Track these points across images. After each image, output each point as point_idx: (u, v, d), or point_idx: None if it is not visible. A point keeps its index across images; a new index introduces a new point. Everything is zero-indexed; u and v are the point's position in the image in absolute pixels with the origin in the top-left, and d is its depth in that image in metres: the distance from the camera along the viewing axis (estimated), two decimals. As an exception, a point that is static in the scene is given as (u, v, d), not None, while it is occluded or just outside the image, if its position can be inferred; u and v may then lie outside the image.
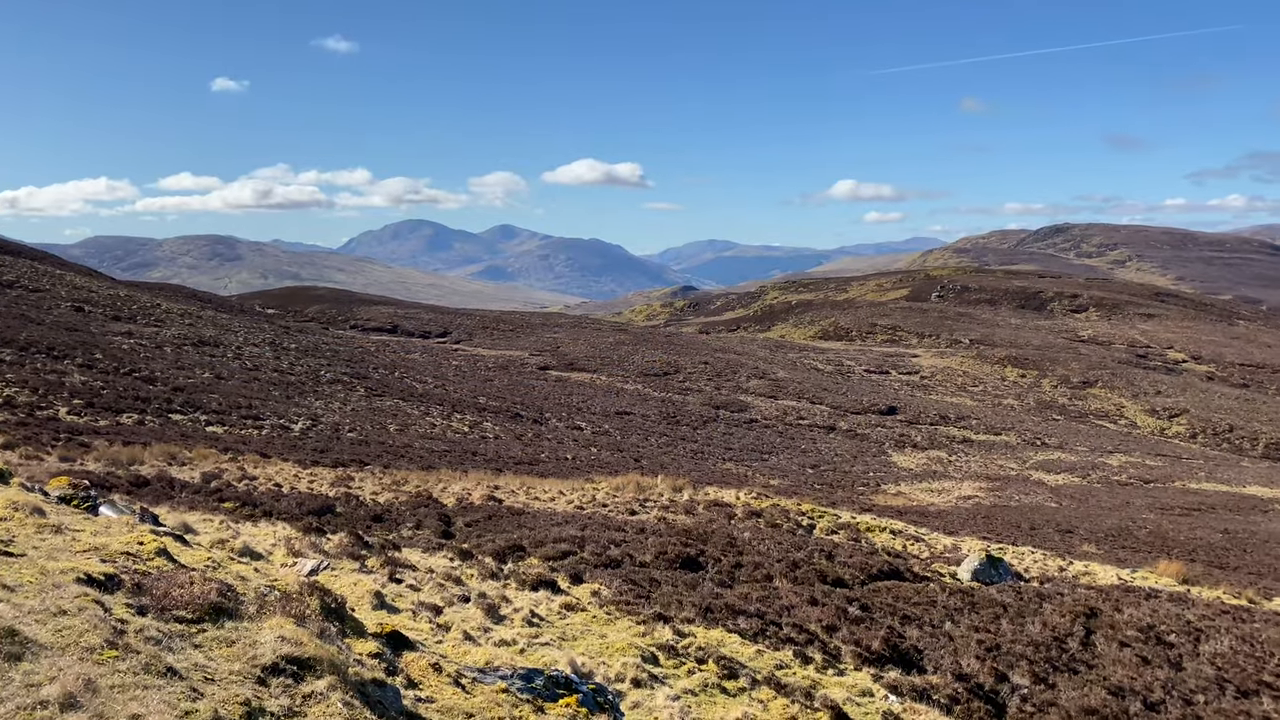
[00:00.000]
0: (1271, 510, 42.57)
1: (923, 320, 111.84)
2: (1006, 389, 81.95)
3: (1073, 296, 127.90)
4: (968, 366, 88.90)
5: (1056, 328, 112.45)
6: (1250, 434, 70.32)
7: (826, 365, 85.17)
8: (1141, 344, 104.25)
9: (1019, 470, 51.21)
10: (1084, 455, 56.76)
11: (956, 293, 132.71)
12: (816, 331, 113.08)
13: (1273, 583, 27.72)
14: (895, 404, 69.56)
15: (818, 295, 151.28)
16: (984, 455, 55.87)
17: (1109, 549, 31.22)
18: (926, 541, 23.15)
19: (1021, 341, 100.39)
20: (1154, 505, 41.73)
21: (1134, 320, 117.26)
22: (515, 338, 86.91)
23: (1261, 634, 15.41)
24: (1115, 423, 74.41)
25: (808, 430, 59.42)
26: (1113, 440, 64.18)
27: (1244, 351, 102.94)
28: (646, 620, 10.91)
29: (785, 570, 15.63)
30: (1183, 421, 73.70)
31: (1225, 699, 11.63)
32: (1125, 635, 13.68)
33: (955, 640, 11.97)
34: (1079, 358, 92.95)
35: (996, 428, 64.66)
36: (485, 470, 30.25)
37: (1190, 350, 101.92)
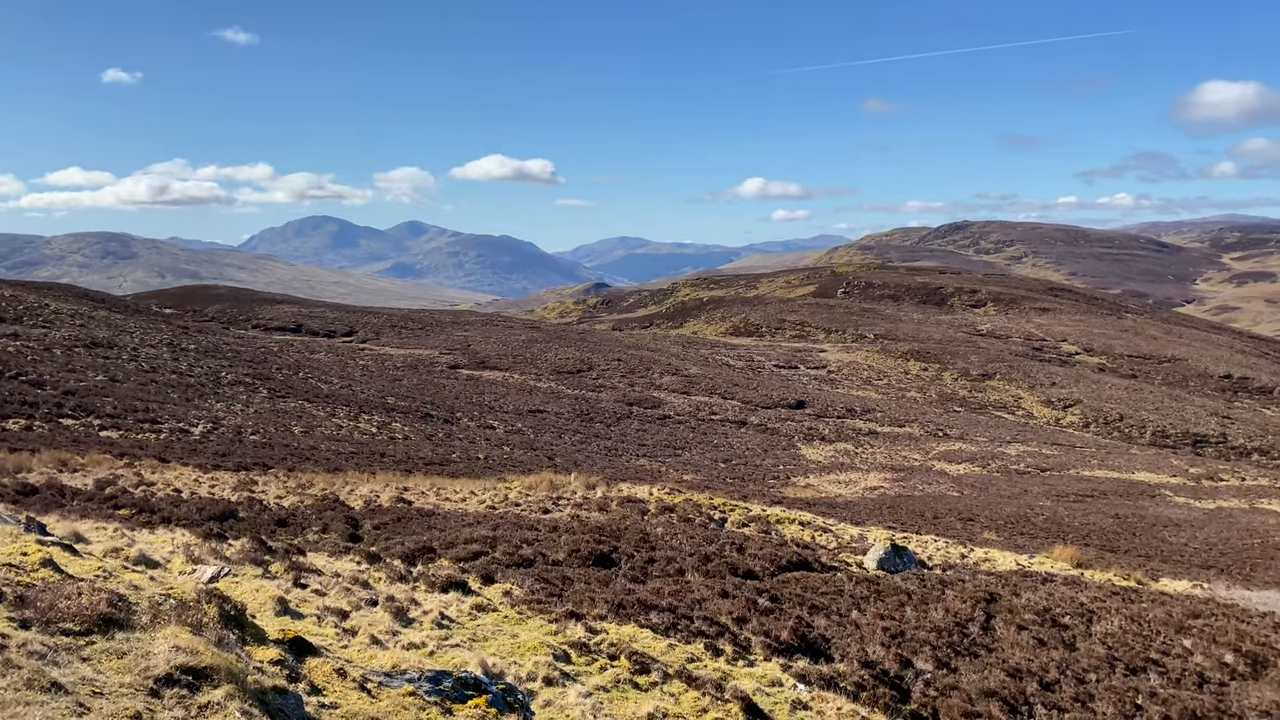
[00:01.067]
0: (1158, 495, 44.63)
1: (830, 316, 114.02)
2: (910, 382, 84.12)
3: (972, 292, 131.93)
4: (873, 361, 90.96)
5: (957, 322, 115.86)
6: (1138, 422, 73.60)
7: (738, 361, 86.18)
8: (1037, 337, 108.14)
9: (922, 461, 52.62)
10: (984, 445, 58.63)
11: (862, 289, 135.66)
12: (728, 328, 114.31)
13: (1159, 564, 29.08)
14: (804, 398, 70.78)
15: (728, 292, 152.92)
16: (889, 447, 57.25)
17: (1008, 536, 32.32)
18: (834, 532, 23.64)
19: (924, 336, 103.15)
20: (1050, 493, 43.34)
21: (1030, 315, 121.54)
22: (425, 336, 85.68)
23: (1148, 613, 16.15)
24: (1013, 413, 77.03)
25: (720, 425, 60.02)
26: (1011, 430, 66.43)
27: (1132, 344, 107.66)
28: (559, 618, 10.88)
29: (697, 564, 15.77)
30: (1076, 411, 76.71)
31: (1115, 676, 12.14)
32: (1023, 619, 14.18)
33: (861, 628, 12.24)
34: (978, 351, 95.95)
35: (901, 420, 66.32)
36: (394, 471, 29.77)
37: (1083, 343, 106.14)
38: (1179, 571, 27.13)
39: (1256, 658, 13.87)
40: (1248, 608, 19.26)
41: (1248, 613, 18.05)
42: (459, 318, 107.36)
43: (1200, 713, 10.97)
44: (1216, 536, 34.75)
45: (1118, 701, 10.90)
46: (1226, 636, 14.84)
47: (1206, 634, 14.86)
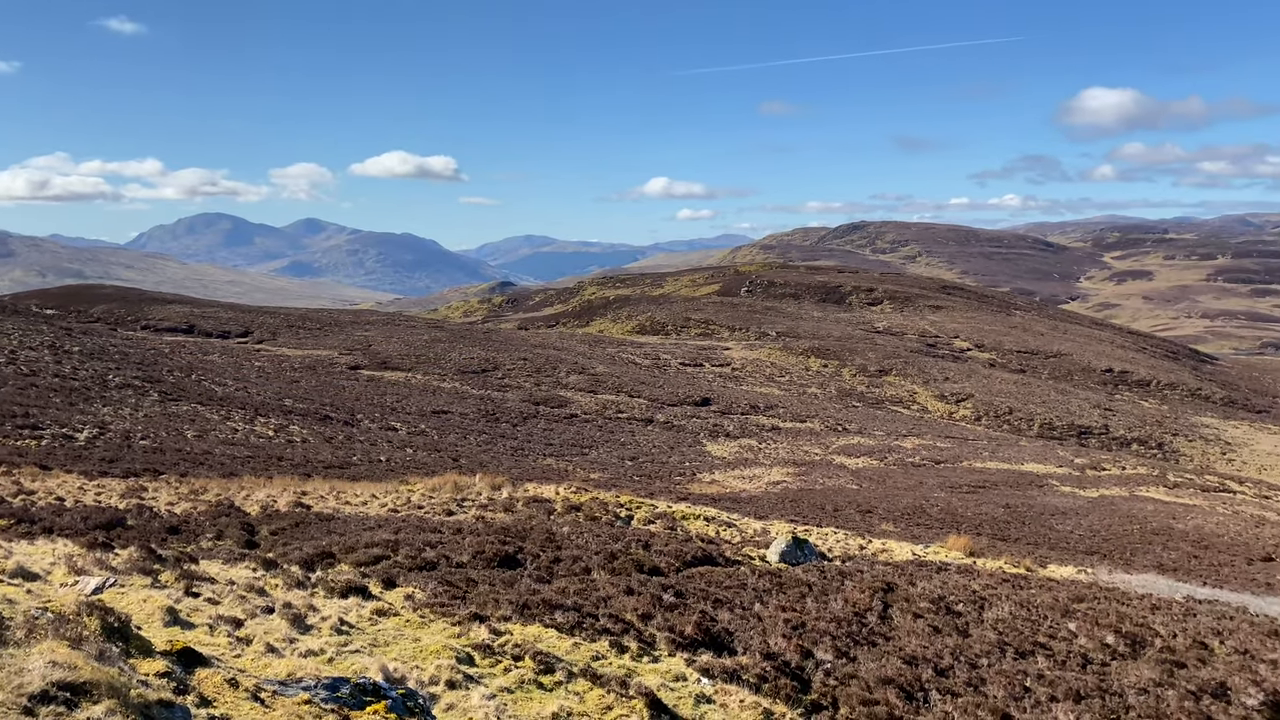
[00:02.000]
0: (1046, 485, 46.48)
1: (733, 314, 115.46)
2: (810, 378, 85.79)
3: (869, 290, 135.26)
4: (775, 358, 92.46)
5: (855, 320, 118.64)
6: (1027, 415, 76.54)
7: (644, 359, 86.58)
8: (931, 334, 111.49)
9: (823, 455, 53.73)
10: (881, 439, 60.18)
11: (764, 288, 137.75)
12: (634, 326, 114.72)
13: (1047, 551, 30.32)
14: (709, 395, 71.52)
15: (634, 291, 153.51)
16: (791, 442, 58.27)
17: (905, 527, 33.26)
18: (738, 527, 23.95)
19: (824, 333, 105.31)
20: (945, 484, 44.73)
21: (924, 312, 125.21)
22: (324, 336, 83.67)
23: (1036, 599, 16.82)
24: (909, 408, 79.27)
25: (627, 423, 60.20)
26: (907, 424, 68.35)
27: (1020, 340, 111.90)
28: (462, 621, 10.77)
29: (603, 562, 15.79)
30: (968, 405, 79.36)
31: (1006, 660, 12.61)
32: (919, 607, 14.61)
33: (764, 620, 12.44)
34: (875, 348, 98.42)
35: (802, 415, 67.57)
36: (292, 475, 29.01)
37: (974, 339, 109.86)
38: (1065, 558, 28.33)
39: (1135, 638, 14.57)
40: (1128, 590, 20.23)
41: (1127, 595, 18.95)
42: (359, 317, 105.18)
43: (1084, 692, 11.47)
44: (1100, 523, 36.40)
45: (1008, 684, 11.32)
46: (1108, 619, 15.55)
47: (1090, 617, 15.55)
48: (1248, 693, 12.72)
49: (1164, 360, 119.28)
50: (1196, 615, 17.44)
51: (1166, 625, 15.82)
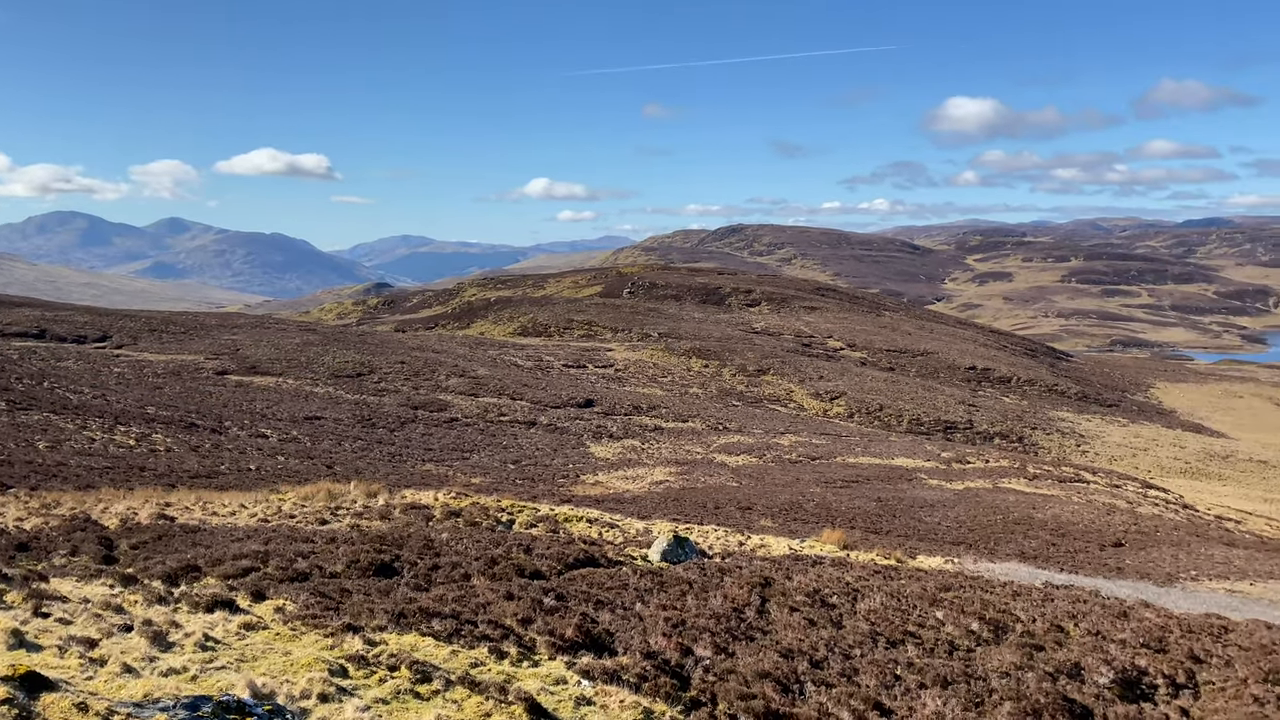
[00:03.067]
0: (915, 479, 48.21)
1: (616, 316, 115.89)
2: (692, 378, 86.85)
3: (747, 292, 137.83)
4: (657, 359, 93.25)
5: (734, 320, 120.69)
6: (896, 412, 79.31)
7: (526, 361, 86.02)
8: (806, 334, 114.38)
9: (704, 454, 54.44)
10: (760, 437, 61.38)
11: (646, 289, 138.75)
12: (516, 328, 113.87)
13: (916, 543, 31.45)
14: (592, 397, 71.57)
15: (516, 292, 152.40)
16: (674, 441, 58.85)
17: (783, 522, 34.00)
18: (621, 527, 24.03)
19: (704, 334, 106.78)
20: (820, 480, 45.91)
21: (800, 313, 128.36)
22: (188, 340, 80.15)
23: (906, 589, 17.43)
24: (786, 406, 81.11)
25: (509, 426, 59.69)
26: (784, 422, 69.91)
27: (890, 339, 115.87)
28: (335, 632, 10.46)
29: (483, 568, 15.60)
30: (842, 403, 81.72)
31: (878, 650, 13.01)
32: (795, 600, 14.94)
33: (645, 620, 12.50)
34: (754, 348, 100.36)
35: (684, 415, 68.33)
36: (155, 486, 27.69)
37: (846, 339, 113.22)
38: (934, 548, 29.45)
39: (998, 624, 15.25)
40: (991, 579, 21.16)
41: (991, 583, 19.82)
42: (227, 320, 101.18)
43: (950, 678, 11.93)
44: (965, 515, 37.97)
45: (879, 673, 11.68)
46: (973, 606, 16.23)
47: (956, 605, 16.19)
48: (1100, 671, 13.47)
49: (1023, 358, 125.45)
50: (1054, 600, 18.37)
51: (1027, 610, 16.61)
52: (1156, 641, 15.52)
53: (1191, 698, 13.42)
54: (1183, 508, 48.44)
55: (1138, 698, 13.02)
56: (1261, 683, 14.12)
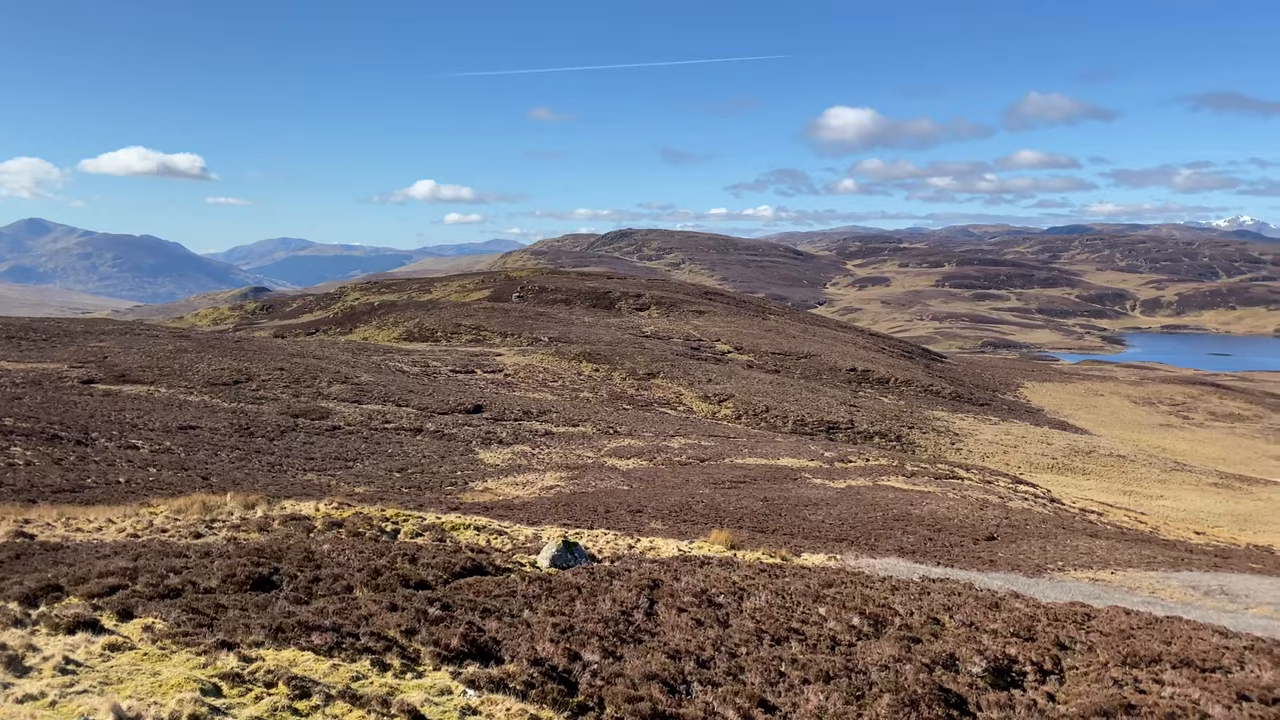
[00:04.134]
0: (800, 478, 49.30)
1: (505, 320, 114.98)
2: (582, 383, 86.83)
3: (637, 296, 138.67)
4: (548, 363, 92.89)
5: (624, 324, 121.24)
6: (782, 413, 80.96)
7: (413, 367, 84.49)
8: (695, 338, 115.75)
9: (595, 458, 54.48)
10: (650, 440, 61.78)
11: (535, 293, 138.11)
12: (401, 333, 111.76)
13: (801, 541, 32.14)
14: (481, 402, 70.79)
15: (401, 296, 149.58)
16: (564, 446, 58.70)
17: (673, 524, 34.27)
18: (510, 534, 23.83)
19: (594, 338, 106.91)
20: (709, 481, 46.49)
21: (688, 317, 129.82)
22: (51, 348, 75.92)
23: (791, 587, 17.79)
24: (675, 409, 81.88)
25: (395, 434, 58.50)
26: (674, 425, 70.55)
27: (775, 342, 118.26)
28: (208, 650, 10.06)
29: (366, 579, 15.24)
30: (729, 405, 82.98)
31: (763, 648, 13.24)
32: (683, 601, 15.08)
33: (533, 627, 12.42)
34: (644, 351, 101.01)
35: (575, 419, 68.23)
36: (13, 503, 26.14)
37: (734, 342, 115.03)
38: (817, 546, 30.15)
39: (878, 618, 15.71)
40: (871, 574, 21.78)
41: (871, 578, 20.41)
42: (93, 326, 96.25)
43: (833, 672, 12.23)
44: (847, 512, 39.01)
45: (764, 671, 11.89)
46: (854, 601, 16.68)
47: (838, 601, 16.61)
48: (973, 661, 14.02)
49: (901, 359, 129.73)
50: (930, 593, 19.03)
51: (905, 604, 17.16)
52: (1026, 630, 16.24)
53: (1058, 683, 14.09)
54: (1050, 501, 50.89)
55: (1008, 685, 13.59)
56: (1120, 666, 14.94)
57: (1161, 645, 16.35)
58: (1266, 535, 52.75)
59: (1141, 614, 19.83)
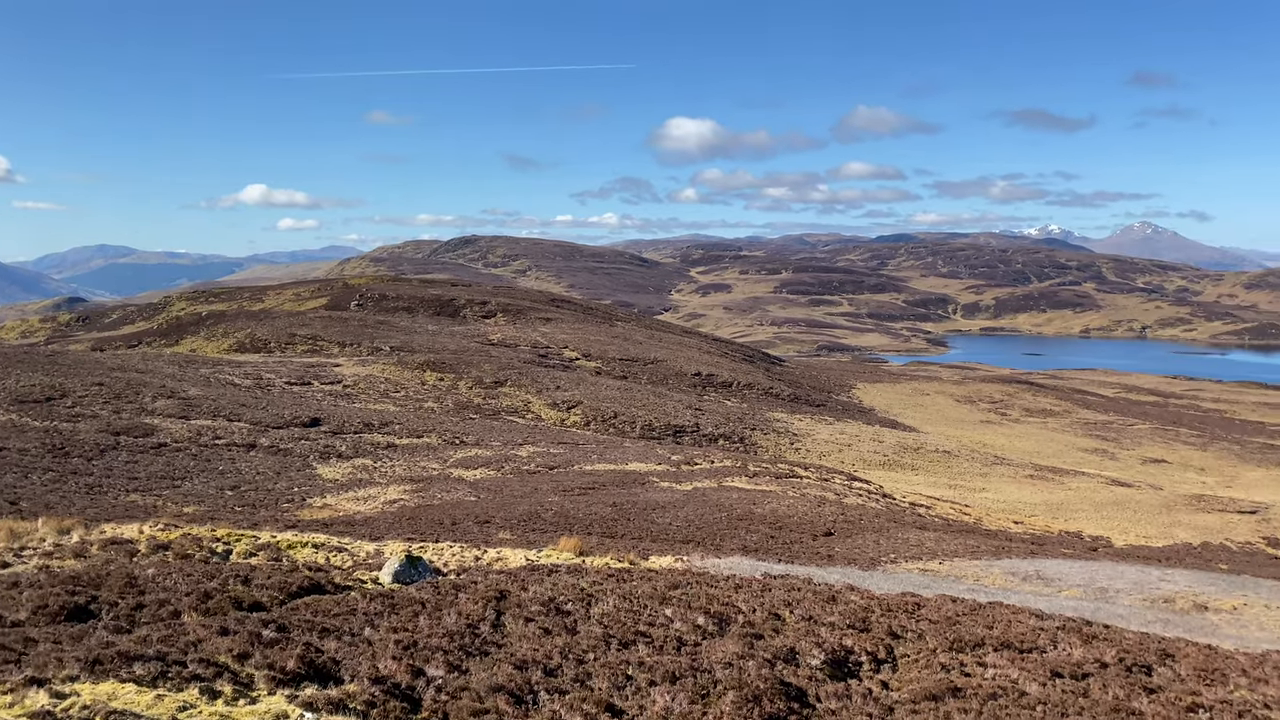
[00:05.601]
0: (648, 482, 49.87)
1: (344, 329, 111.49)
2: (427, 393, 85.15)
3: (483, 303, 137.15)
4: (389, 373, 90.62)
5: (470, 332, 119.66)
6: (630, 418, 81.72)
7: (245, 379, 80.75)
8: (543, 345, 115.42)
9: (441, 470, 53.52)
10: (498, 449, 61.17)
11: (376, 301, 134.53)
12: (232, 344, 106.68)
13: (649, 544, 32.52)
14: (319, 415, 68.36)
15: (232, 306, 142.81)
16: (408, 459, 57.38)
17: (522, 533, 34.04)
18: (350, 551, 23.12)
19: (439, 347, 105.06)
20: (558, 488, 46.43)
21: (535, 324, 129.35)
22: None
23: (638, 590, 17.96)
24: (524, 417, 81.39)
25: (226, 450, 55.75)
26: (522, 433, 70.09)
27: (622, 348, 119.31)
28: (15, 688, 9.32)
29: (195, 603, 14.48)
30: (578, 412, 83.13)
31: (610, 652, 13.32)
32: (531, 611, 15.00)
33: (374, 645, 12.09)
34: (490, 360, 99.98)
35: (419, 431, 66.82)
36: None
37: (581, 349, 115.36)
38: (665, 548, 30.58)
39: (722, 616, 16.07)
40: (716, 574, 22.26)
41: (716, 578, 20.85)
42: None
43: (679, 673, 12.43)
44: (694, 514, 39.73)
45: (611, 675, 11.96)
46: (699, 601, 17.00)
47: (684, 601, 16.89)
48: (812, 654, 14.52)
49: (743, 363, 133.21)
50: (772, 590, 19.60)
51: (748, 602, 17.61)
52: (861, 622, 16.95)
53: (891, 670, 14.76)
54: (883, 497, 53.30)
55: (845, 675, 14.15)
56: (948, 651, 15.80)
57: (984, 630, 17.38)
58: (1076, 522, 56.92)
59: (967, 601, 21.05)
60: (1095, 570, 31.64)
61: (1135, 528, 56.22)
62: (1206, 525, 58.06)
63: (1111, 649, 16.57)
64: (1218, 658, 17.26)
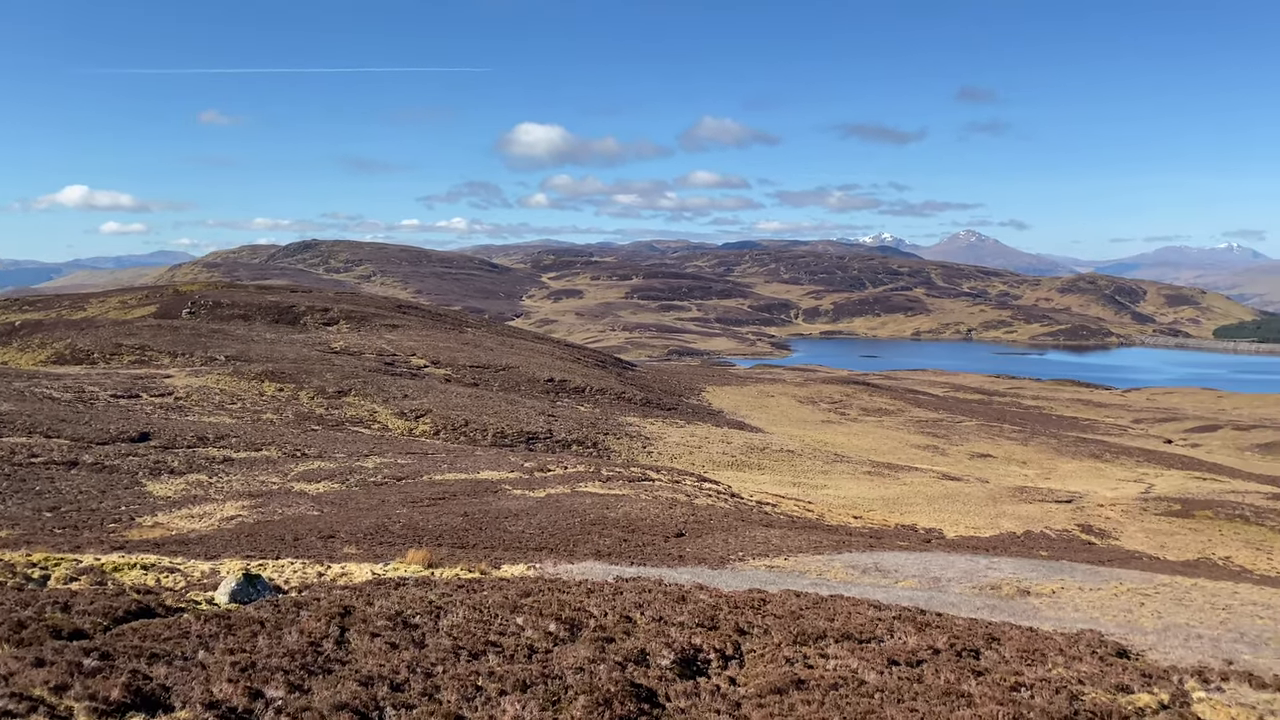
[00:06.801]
0: (500, 490, 49.41)
1: (175, 338, 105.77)
2: (266, 404, 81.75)
3: (325, 310, 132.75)
4: (225, 384, 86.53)
5: (311, 340, 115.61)
6: (481, 426, 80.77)
7: (64, 393, 75.45)
8: (389, 353, 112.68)
9: (281, 484, 51.49)
10: (343, 461, 59.33)
11: (210, 309, 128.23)
12: (50, 355, 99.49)
13: (502, 553, 32.24)
14: (149, 429, 64.59)
15: (49, 314, 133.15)
16: (247, 473, 54.94)
17: (368, 547, 33.12)
18: (184, 571, 21.97)
19: (278, 355, 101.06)
20: (407, 500, 45.41)
21: (381, 331, 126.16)
22: None
23: (489, 600, 17.78)
24: (370, 427, 79.23)
25: (44, 468, 51.94)
26: (368, 444, 68.20)
27: (473, 355, 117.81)
28: None
29: (8, 634, 13.43)
30: (427, 421, 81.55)
31: (460, 664, 13.13)
32: (377, 626, 14.62)
33: (209, 668, 11.53)
34: (333, 368, 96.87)
35: (258, 443, 64.08)
36: None
37: (430, 356, 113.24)
38: (517, 557, 30.37)
39: (574, 622, 16.09)
40: (569, 579, 22.27)
41: (568, 584, 20.86)
42: None
43: (529, 681, 12.37)
44: (547, 520, 39.61)
45: (461, 687, 11.80)
46: (551, 608, 16.97)
47: (536, 609, 16.82)
48: (662, 654, 14.73)
49: (595, 369, 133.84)
50: (624, 593, 19.77)
51: (600, 606, 17.70)
52: (709, 620, 17.30)
53: (738, 666, 15.13)
54: (731, 497, 54.57)
55: (694, 673, 14.41)
56: (792, 644, 16.32)
57: (826, 622, 18.05)
58: (911, 515, 59.80)
59: (810, 595, 21.80)
60: (929, 561, 33.32)
61: (965, 519, 59.53)
62: (1028, 515, 62.08)
63: (943, 635, 17.50)
64: (1038, 639, 18.49)
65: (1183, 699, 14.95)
